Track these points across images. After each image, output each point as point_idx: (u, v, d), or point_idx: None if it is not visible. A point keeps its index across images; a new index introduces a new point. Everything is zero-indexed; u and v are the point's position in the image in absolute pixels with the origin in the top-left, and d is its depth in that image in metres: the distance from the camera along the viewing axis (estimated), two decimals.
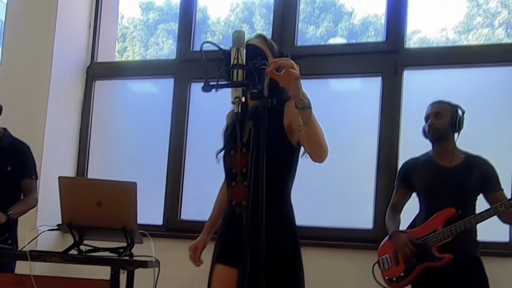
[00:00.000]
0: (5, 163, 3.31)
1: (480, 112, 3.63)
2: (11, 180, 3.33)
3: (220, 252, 2.30)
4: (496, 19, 12.80)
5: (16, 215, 3.19)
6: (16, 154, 3.37)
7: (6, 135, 3.41)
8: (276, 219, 2.17)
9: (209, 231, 2.63)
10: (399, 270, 3.07)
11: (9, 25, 4.68)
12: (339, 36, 13.33)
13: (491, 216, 2.89)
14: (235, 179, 2.27)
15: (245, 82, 1.83)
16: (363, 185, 4.06)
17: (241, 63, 1.83)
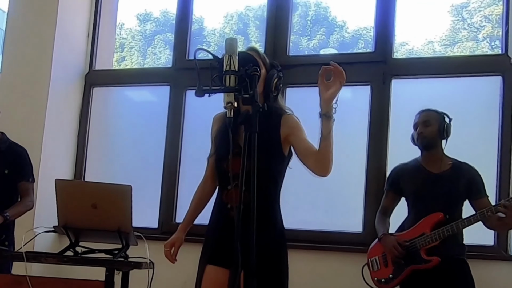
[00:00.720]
0: (2, 166, 3.29)
1: (464, 120, 3.64)
2: (8, 182, 3.30)
3: (212, 253, 2.30)
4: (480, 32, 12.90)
5: (13, 216, 3.17)
6: (13, 158, 3.35)
7: (3, 139, 3.39)
8: (267, 222, 2.21)
9: (185, 229, 2.64)
10: (387, 272, 3.07)
11: (10, 34, 4.66)
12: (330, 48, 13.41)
13: (477, 221, 2.90)
14: (230, 183, 2.26)
15: (237, 88, 1.85)
16: (353, 191, 4.06)
17: (234, 69, 1.86)
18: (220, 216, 2.36)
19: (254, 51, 2.38)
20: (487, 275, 3.43)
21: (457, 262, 2.98)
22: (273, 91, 2.26)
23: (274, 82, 2.25)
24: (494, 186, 3.67)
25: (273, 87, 2.26)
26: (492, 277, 3.50)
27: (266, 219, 2.19)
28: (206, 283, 2.27)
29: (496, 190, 3.68)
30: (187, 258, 4.05)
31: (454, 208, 3.03)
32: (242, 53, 2.03)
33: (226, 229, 2.25)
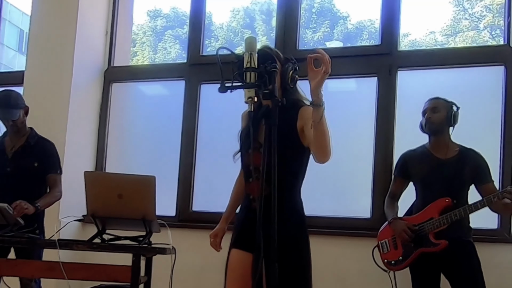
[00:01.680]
0: (32, 160, 3.34)
1: (468, 109, 3.64)
2: (38, 175, 3.35)
3: (236, 238, 2.34)
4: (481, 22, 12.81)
5: (43, 206, 3.21)
6: (42, 151, 3.39)
7: (32, 134, 3.44)
8: (287, 211, 2.22)
9: (226, 220, 2.68)
10: (397, 254, 3.09)
11: (33, 35, 4.71)
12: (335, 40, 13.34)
13: (484, 207, 2.91)
14: (252, 176, 2.31)
15: (257, 84, 1.88)
16: (361, 178, 4.08)
17: (254, 66, 1.88)
18: (244, 207, 2.41)
19: (268, 48, 2.41)
20: (491, 257, 3.43)
21: (464, 244, 2.99)
22: (289, 84, 2.27)
23: (290, 75, 2.26)
24: (497, 173, 3.68)
25: (289, 80, 2.26)
26: (496, 259, 3.51)
27: (286, 208, 2.20)
28: (231, 265, 2.31)
29: (499, 176, 3.69)
30: (205, 245, 4.12)
31: (460, 193, 3.04)
32: (260, 51, 2.06)
33: (249, 218, 2.30)
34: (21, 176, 3.31)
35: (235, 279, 2.28)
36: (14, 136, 3.38)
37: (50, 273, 2.72)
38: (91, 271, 2.74)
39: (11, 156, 3.35)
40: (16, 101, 3.33)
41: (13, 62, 17.96)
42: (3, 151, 3.37)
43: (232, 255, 2.33)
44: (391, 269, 3.13)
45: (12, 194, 3.16)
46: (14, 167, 3.32)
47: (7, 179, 3.32)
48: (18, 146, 3.37)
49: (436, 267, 3.02)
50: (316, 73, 2.05)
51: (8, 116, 3.27)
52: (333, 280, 3.91)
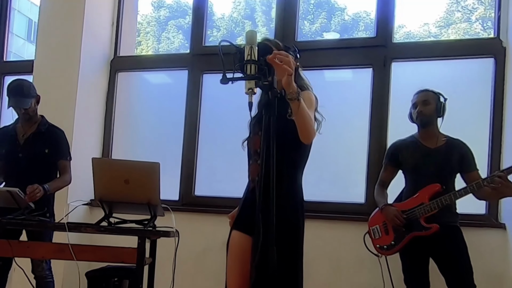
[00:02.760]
0: (42, 146, 3.35)
1: (459, 99, 3.66)
2: (48, 161, 3.37)
3: (237, 220, 2.35)
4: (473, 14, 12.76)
5: (52, 190, 3.22)
6: (52, 138, 3.40)
7: (43, 122, 3.45)
8: (286, 196, 2.23)
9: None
10: (389, 239, 3.10)
11: (42, 25, 4.69)
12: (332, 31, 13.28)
13: (473, 191, 2.93)
14: (252, 158, 2.32)
15: (257, 75, 1.88)
16: (356, 164, 4.09)
17: (254, 59, 1.88)
18: (246, 188, 2.40)
19: (269, 40, 2.39)
20: (479, 241, 3.48)
21: (452, 229, 3.01)
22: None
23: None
24: (486, 161, 3.71)
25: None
26: (484, 243, 3.55)
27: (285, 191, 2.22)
28: (231, 247, 2.31)
29: (488, 164, 3.72)
30: (206, 228, 4.18)
31: (449, 180, 3.06)
32: (260, 44, 2.06)
33: (248, 199, 2.31)
34: (32, 162, 3.32)
35: (234, 260, 2.28)
36: (26, 123, 3.40)
37: (59, 255, 2.74)
38: (99, 252, 2.76)
39: (23, 142, 3.36)
40: (28, 90, 3.34)
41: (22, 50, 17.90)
42: (15, 138, 3.38)
43: (233, 236, 2.32)
44: (384, 253, 3.14)
45: (23, 179, 3.18)
46: (26, 153, 3.33)
47: (18, 165, 3.33)
48: (30, 133, 3.38)
49: (425, 252, 3.04)
50: (280, 71, 1.94)
51: (20, 104, 3.28)
52: (328, 262, 3.94)
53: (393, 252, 3.10)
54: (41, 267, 3.32)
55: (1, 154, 3.40)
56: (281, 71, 1.92)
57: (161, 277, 2.94)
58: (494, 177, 2.83)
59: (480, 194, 3.00)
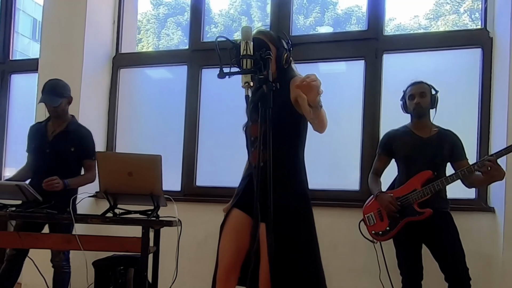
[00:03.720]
0: (69, 145, 3.37)
1: (449, 89, 3.65)
2: (73, 159, 3.38)
3: (239, 200, 2.32)
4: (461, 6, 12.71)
5: (72, 185, 3.23)
6: (79, 138, 3.43)
7: (73, 121, 3.50)
8: (286, 179, 2.21)
9: None
10: (384, 225, 3.09)
11: (46, 24, 4.67)
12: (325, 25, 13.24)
13: (465, 176, 2.93)
14: (254, 145, 2.32)
15: (253, 69, 1.88)
16: (350, 153, 4.09)
17: (249, 53, 1.88)
18: (248, 174, 2.39)
19: (263, 34, 2.37)
20: (470, 224, 3.51)
21: (442, 214, 3.01)
22: (283, 64, 2.29)
23: (284, 57, 2.28)
24: (474, 149, 3.73)
25: (284, 62, 2.29)
26: (474, 226, 3.57)
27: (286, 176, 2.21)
28: (229, 221, 2.29)
29: (477, 152, 3.73)
30: (207, 217, 4.18)
31: (440, 168, 3.05)
32: (255, 39, 2.05)
33: (250, 184, 2.28)
34: (58, 158, 3.34)
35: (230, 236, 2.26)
36: (56, 121, 3.43)
37: (67, 245, 2.75)
38: (105, 242, 2.77)
39: (51, 139, 3.39)
40: (61, 90, 3.40)
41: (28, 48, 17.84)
42: (45, 134, 3.41)
43: (232, 213, 2.30)
44: (379, 239, 3.14)
45: (48, 174, 3.22)
46: (53, 149, 3.36)
47: (45, 160, 3.36)
48: (59, 131, 3.41)
49: (418, 237, 3.04)
50: (314, 91, 1.96)
51: (49, 101, 3.32)
52: (324, 247, 3.92)
53: (388, 237, 3.10)
54: (59, 257, 3.33)
55: (31, 149, 3.46)
56: (313, 93, 1.93)
57: (165, 264, 2.95)
58: (484, 161, 2.83)
59: (470, 181, 3.00)
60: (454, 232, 2.99)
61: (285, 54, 2.29)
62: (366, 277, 3.70)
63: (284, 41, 2.32)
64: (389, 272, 3.23)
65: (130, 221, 2.72)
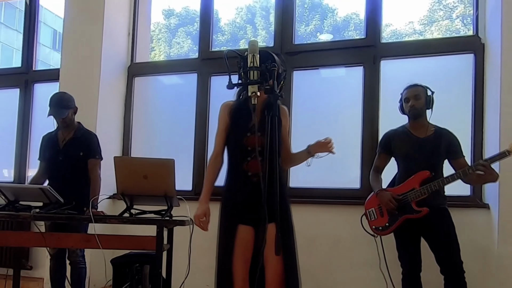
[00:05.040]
0: (78, 150, 3.39)
1: (443, 92, 3.62)
2: (83, 162, 3.40)
3: (242, 214, 2.33)
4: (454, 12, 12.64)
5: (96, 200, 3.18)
6: (86, 142, 3.44)
7: (80, 128, 3.51)
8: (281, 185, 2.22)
9: (208, 200, 2.55)
10: (384, 221, 3.08)
11: (66, 36, 4.68)
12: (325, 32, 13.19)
13: (460, 178, 2.91)
14: (251, 155, 2.30)
15: (259, 80, 1.87)
16: (350, 153, 4.07)
17: (256, 65, 1.87)
18: (242, 183, 2.37)
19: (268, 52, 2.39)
20: (465, 220, 3.47)
21: (440, 211, 2.99)
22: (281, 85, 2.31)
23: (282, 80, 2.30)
24: (469, 148, 3.69)
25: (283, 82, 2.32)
26: (469, 221, 3.54)
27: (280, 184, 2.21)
28: (240, 240, 2.30)
29: (471, 152, 3.70)
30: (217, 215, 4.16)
31: (437, 166, 3.02)
32: (261, 52, 2.04)
33: (251, 193, 2.29)
34: (70, 164, 3.38)
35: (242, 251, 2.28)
36: (64, 130, 3.46)
37: (87, 244, 2.75)
38: (122, 241, 2.77)
39: (62, 147, 3.42)
40: (67, 102, 3.41)
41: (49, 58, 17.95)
42: (57, 143, 3.44)
43: (241, 231, 2.32)
44: (379, 234, 3.12)
45: (61, 177, 3.32)
46: (64, 156, 3.39)
47: (58, 166, 3.40)
48: (68, 138, 3.43)
49: (416, 232, 3.02)
50: (324, 148, 2.39)
51: (57, 114, 3.35)
52: (328, 242, 3.94)
53: (388, 232, 3.08)
54: (75, 253, 3.36)
55: (44, 157, 3.50)
56: (324, 150, 2.39)
57: (178, 261, 2.94)
58: (478, 165, 2.81)
59: (466, 179, 2.98)
60: (450, 226, 2.96)
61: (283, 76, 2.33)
62: (367, 269, 3.69)
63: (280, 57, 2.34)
64: (388, 264, 3.22)
65: (145, 220, 2.72)
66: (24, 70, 5.25)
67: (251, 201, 2.27)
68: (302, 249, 3.84)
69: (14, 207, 2.87)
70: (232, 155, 2.44)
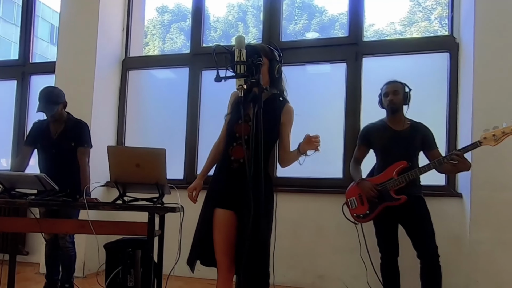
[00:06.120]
0: (70, 141, 3.32)
1: (420, 88, 3.64)
2: (74, 152, 3.32)
3: (220, 198, 2.29)
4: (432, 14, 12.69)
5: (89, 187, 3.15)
6: (77, 131, 3.36)
7: (69, 118, 3.41)
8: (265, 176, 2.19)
9: (203, 177, 2.59)
10: (364, 209, 3.09)
11: (62, 30, 4.62)
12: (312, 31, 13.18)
13: (435, 167, 2.92)
14: (237, 141, 2.29)
15: (246, 74, 1.86)
16: (334, 145, 4.08)
17: (243, 60, 1.86)
18: (224, 167, 2.35)
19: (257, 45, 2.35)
20: (440, 208, 3.52)
21: (417, 199, 3.01)
22: (275, 75, 2.27)
23: (276, 69, 2.25)
24: (444, 140, 3.73)
25: (276, 72, 2.26)
26: (444, 209, 3.59)
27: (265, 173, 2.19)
28: (217, 223, 2.26)
29: (446, 144, 3.74)
30: None
31: (413, 158, 3.04)
32: (248, 46, 2.02)
33: (229, 178, 2.26)
34: (62, 154, 3.30)
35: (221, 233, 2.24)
36: (55, 123, 3.36)
37: (81, 230, 2.71)
38: (115, 227, 2.73)
39: (55, 139, 3.34)
40: (56, 98, 3.29)
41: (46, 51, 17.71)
42: (50, 136, 3.35)
43: (217, 213, 2.27)
44: (360, 221, 3.14)
45: (54, 167, 3.24)
46: (57, 149, 3.31)
47: (52, 157, 3.32)
48: (60, 131, 3.35)
49: (394, 219, 3.05)
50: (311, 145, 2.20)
51: (46, 110, 3.24)
52: (312, 228, 3.96)
53: (368, 220, 3.10)
54: (65, 239, 3.32)
55: (37, 147, 3.39)
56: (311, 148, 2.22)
57: (169, 246, 2.93)
58: (453, 155, 2.83)
59: (440, 169, 3.00)
60: (426, 213, 2.99)
61: (277, 65, 2.26)
62: (348, 254, 3.71)
63: (276, 53, 2.29)
64: (368, 250, 3.25)
65: (137, 207, 2.69)
66: (21, 63, 5.18)
67: (230, 187, 2.24)
68: (288, 236, 3.90)
69: (10, 194, 2.83)
70: (225, 140, 2.43)
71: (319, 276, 3.91)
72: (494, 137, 2.76)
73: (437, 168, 2.96)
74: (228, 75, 1.89)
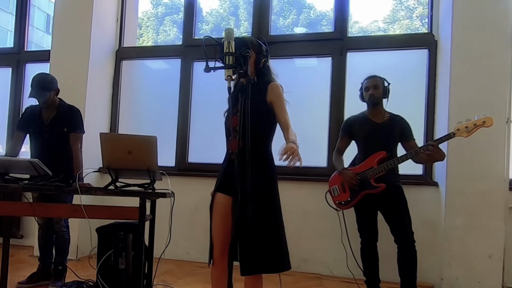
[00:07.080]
0: (62, 126, 3.24)
1: (400, 82, 3.66)
2: (67, 138, 3.25)
3: (219, 184, 2.28)
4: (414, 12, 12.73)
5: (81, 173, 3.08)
6: (69, 117, 3.28)
7: (61, 104, 3.31)
8: (260, 163, 2.16)
9: None
10: (346, 196, 3.11)
11: (57, 19, 4.52)
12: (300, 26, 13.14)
13: (412, 157, 2.94)
14: (232, 135, 2.27)
15: (234, 65, 1.84)
16: (319, 134, 4.09)
17: (231, 51, 1.83)
18: (225, 159, 2.34)
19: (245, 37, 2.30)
20: (417, 196, 3.56)
21: (395, 187, 3.03)
22: (261, 68, 2.22)
23: (262, 62, 2.20)
24: (422, 132, 3.75)
25: (262, 65, 2.21)
26: (421, 197, 3.63)
27: (259, 160, 2.15)
28: (216, 205, 2.25)
29: (424, 135, 3.76)
30: (198, 189, 4.15)
31: (391, 148, 3.06)
32: (237, 39, 1.99)
33: (228, 168, 2.26)
34: (54, 140, 3.23)
35: (218, 216, 2.24)
36: (47, 109, 3.27)
37: (74, 214, 2.67)
38: (107, 211, 2.69)
39: (47, 124, 3.25)
40: (49, 84, 3.19)
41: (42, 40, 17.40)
42: (42, 121, 3.26)
43: (217, 197, 2.27)
44: (342, 208, 3.15)
45: (46, 152, 3.16)
46: (50, 134, 3.23)
47: (44, 142, 3.24)
48: (52, 116, 3.26)
49: (374, 206, 3.06)
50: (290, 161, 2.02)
51: (38, 96, 3.14)
52: (297, 214, 3.97)
53: (349, 206, 3.11)
54: (59, 224, 3.27)
55: (29, 132, 3.29)
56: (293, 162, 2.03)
57: (160, 230, 2.91)
58: (429, 146, 2.85)
59: (417, 159, 3.01)
60: (403, 201, 3.01)
61: (262, 59, 2.22)
62: (331, 239, 3.73)
63: (263, 48, 2.25)
64: (349, 235, 3.28)
65: (129, 193, 2.66)
66: (16, 51, 5.07)
67: (228, 174, 2.23)
68: None
69: (4, 179, 2.77)
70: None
71: (304, 260, 3.92)
72: (467, 128, 2.78)
73: (413, 158, 2.97)
74: (217, 66, 1.86)
